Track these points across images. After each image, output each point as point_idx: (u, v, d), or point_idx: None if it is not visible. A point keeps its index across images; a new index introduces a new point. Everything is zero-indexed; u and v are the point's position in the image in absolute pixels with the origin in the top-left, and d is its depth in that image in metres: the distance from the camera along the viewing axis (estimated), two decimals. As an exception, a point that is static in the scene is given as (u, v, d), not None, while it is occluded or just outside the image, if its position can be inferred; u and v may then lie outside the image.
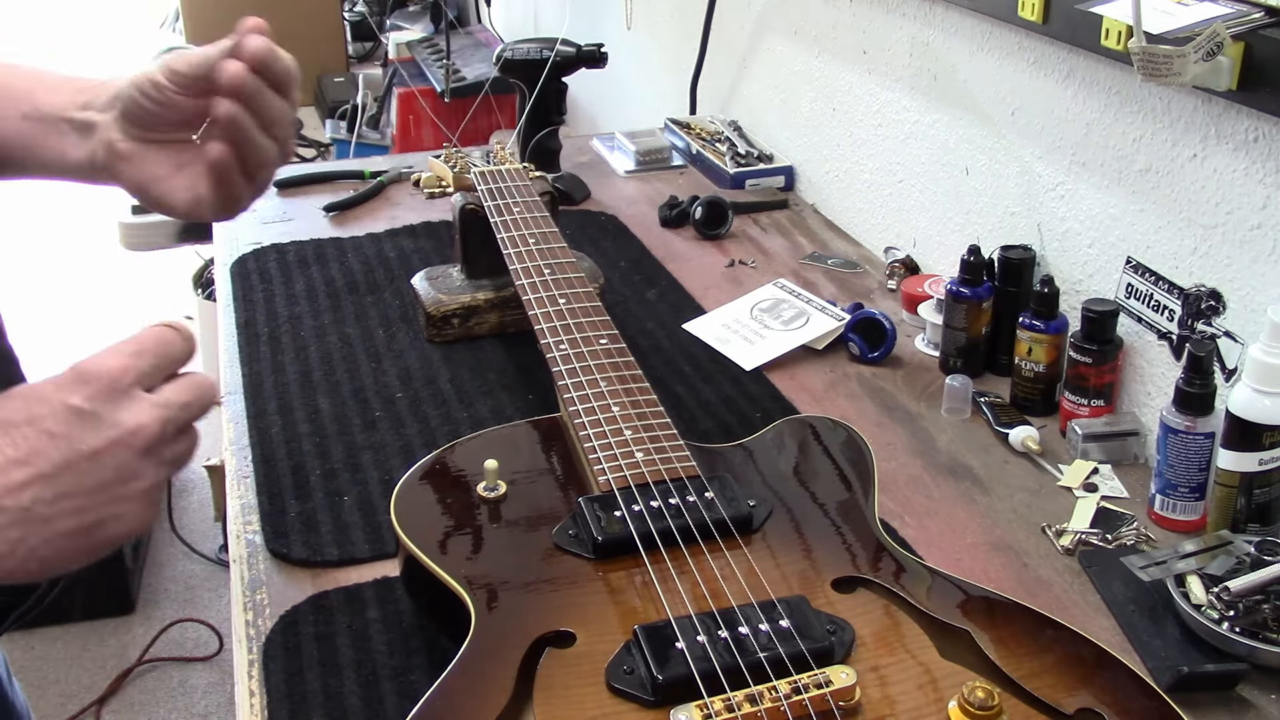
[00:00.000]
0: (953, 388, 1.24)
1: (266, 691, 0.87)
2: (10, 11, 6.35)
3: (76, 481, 0.61)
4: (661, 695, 0.73)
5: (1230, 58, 0.97)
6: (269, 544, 1.04)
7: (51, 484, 0.61)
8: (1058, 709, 0.74)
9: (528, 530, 0.90)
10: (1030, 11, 1.22)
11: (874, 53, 1.61)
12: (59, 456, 0.61)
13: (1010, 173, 1.36)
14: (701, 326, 1.41)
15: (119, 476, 0.63)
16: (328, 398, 1.25)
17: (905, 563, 0.87)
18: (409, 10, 4.07)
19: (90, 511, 0.62)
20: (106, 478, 0.62)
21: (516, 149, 1.78)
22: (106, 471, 0.62)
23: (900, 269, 1.53)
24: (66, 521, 0.61)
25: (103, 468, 0.62)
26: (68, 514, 0.61)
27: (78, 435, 0.62)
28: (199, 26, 4.08)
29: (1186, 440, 1.02)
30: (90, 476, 0.62)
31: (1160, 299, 1.14)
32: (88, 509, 0.62)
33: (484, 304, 1.37)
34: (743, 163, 1.87)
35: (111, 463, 0.62)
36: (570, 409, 0.99)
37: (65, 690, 2.20)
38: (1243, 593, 0.89)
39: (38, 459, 0.61)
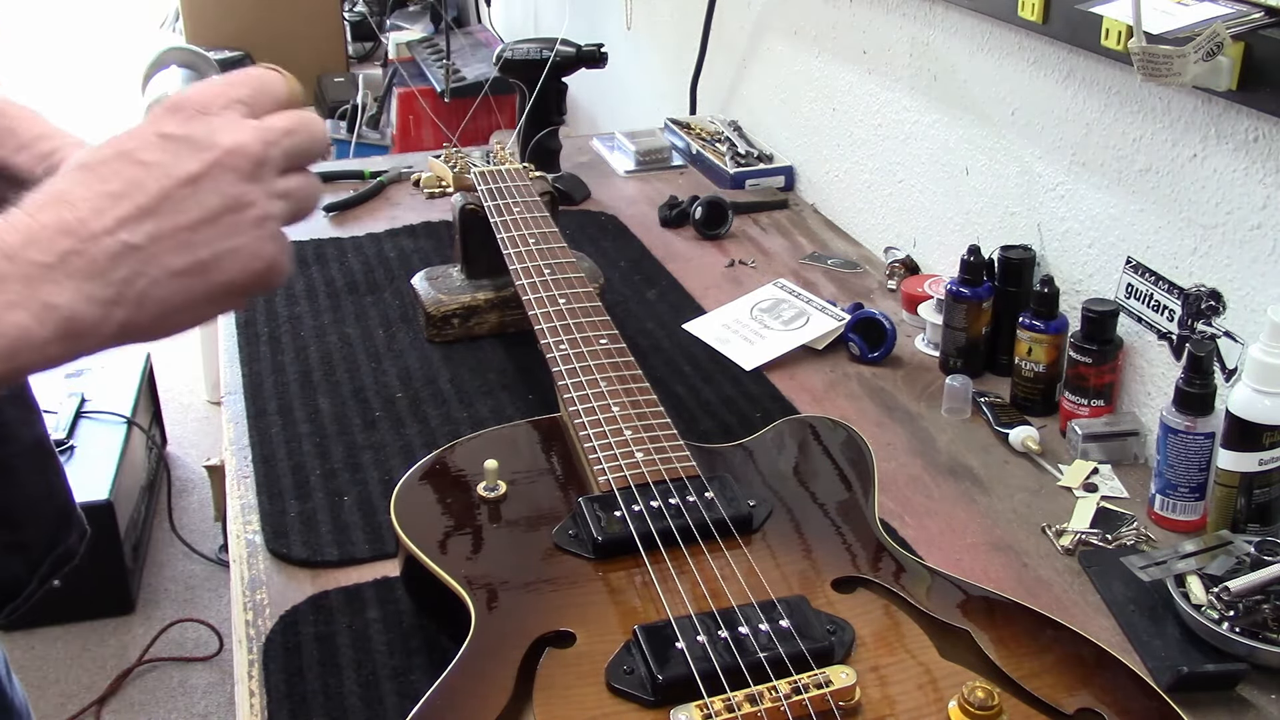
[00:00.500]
0: (953, 388, 1.24)
1: (266, 691, 0.87)
2: (10, 11, 6.35)
3: (179, 210, 0.56)
4: (661, 695, 0.73)
5: (1230, 58, 0.97)
6: (269, 544, 1.04)
7: (152, 216, 0.56)
8: (1058, 709, 0.74)
9: (528, 530, 0.90)
10: (1030, 11, 1.22)
11: (874, 53, 1.61)
12: (155, 186, 0.56)
13: (1010, 173, 1.36)
14: (701, 326, 1.41)
15: (225, 203, 0.58)
16: (328, 398, 1.25)
17: (905, 563, 0.87)
18: (409, 10, 4.07)
19: (201, 246, 0.57)
20: (211, 205, 0.57)
21: (516, 149, 1.78)
22: (210, 198, 0.57)
23: (900, 269, 1.53)
24: (175, 258, 0.56)
25: (205, 194, 0.57)
26: (175, 249, 0.56)
27: (172, 161, 0.57)
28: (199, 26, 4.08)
29: (1186, 440, 1.02)
30: (193, 204, 0.57)
31: (1160, 299, 1.14)
32: (197, 243, 0.57)
33: (484, 304, 1.37)
34: (743, 163, 1.87)
35: (214, 188, 0.57)
36: (570, 409, 0.99)
37: (65, 690, 2.20)
38: (1243, 593, 0.89)
39: (133, 191, 0.56)
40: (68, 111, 4.82)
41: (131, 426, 2.46)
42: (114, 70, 5.17)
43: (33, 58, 5.76)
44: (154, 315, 0.56)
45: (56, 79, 5.47)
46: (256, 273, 0.59)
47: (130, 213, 0.56)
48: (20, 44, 5.94)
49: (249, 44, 4.00)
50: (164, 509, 2.61)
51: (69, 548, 0.94)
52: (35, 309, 0.53)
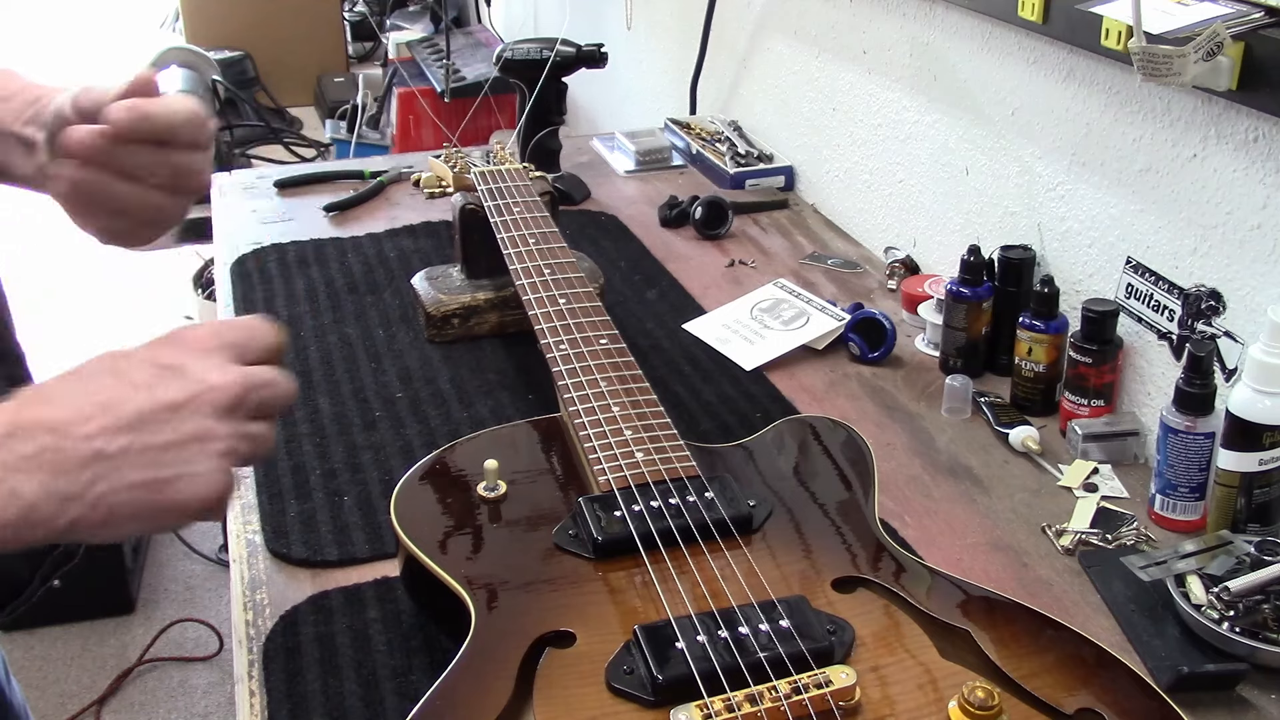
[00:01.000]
0: (953, 388, 1.24)
1: (266, 691, 0.87)
2: (11, 11, 6.35)
3: (154, 430, 0.62)
4: (661, 695, 0.73)
5: (1230, 58, 0.97)
6: (269, 544, 1.04)
7: (127, 432, 0.61)
8: (1058, 709, 0.74)
9: (528, 530, 0.90)
10: (1030, 11, 1.22)
11: (874, 53, 1.61)
12: (137, 405, 0.62)
13: (1010, 173, 1.36)
14: (701, 326, 1.41)
15: (195, 433, 0.63)
16: (328, 398, 1.25)
17: (905, 563, 0.87)
18: (409, 10, 4.07)
19: (164, 466, 0.62)
20: (184, 431, 0.62)
21: (516, 149, 1.78)
22: (184, 424, 0.62)
23: (900, 269, 1.53)
24: (139, 472, 0.61)
25: (180, 421, 0.62)
26: (141, 465, 0.61)
27: (160, 387, 0.62)
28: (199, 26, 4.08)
29: (1186, 440, 1.02)
30: (168, 428, 0.62)
31: (1160, 299, 1.14)
32: (162, 463, 0.62)
33: (484, 304, 1.37)
34: (743, 163, 1.87)
35: (189, 417, 0.63)
36: (570, 409, 0.99)
37: (65, 690, 2.20)
38: (1243, 593, 0.89)
39: (118, 406, 0.61)
40: (68, 111, 4.81)
41: (131, 426, 2.45)
42: (114, 70, 5.17)
43: (33, 57, 5.75)
44: (103, 518, 0.61)
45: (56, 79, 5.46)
46: (204, 499, 0.63)
47: (110, 424, 0.61)
48: (20, 44, 5.94)
49: (249, 44, 3.99)
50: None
51: (69, 547, 0.95)
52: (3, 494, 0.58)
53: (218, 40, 4.02)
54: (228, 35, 4.05)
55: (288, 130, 3.88)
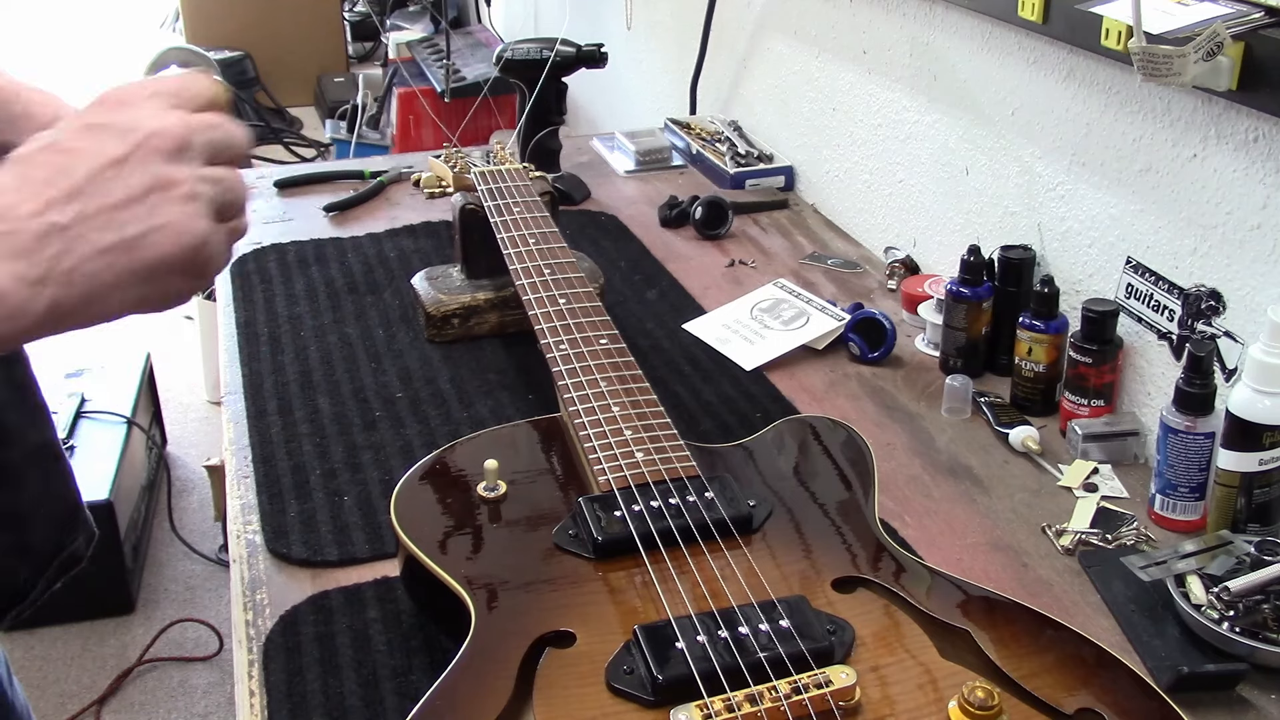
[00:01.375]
0: (953, 388, 1.24)
1: (266, 691, 0.87)
2: (11, 11, 6.35)
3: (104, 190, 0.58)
4: (661, 695, 0.73)
5: (1230, 58, 0.97)
6: (269, 544, 1.04)
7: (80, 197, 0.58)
8: (1058, 709, 0.74)
9: (528, 530, 0.90)
10: (1030, 11, 1.22)
11: (874, 53, 1.61)
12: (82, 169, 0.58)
13: (1010, 173, 1.36)
14: (701, 326, 1.41)
15: (151, 182, 0.59)
16: (328, 398, 1.25)
17: (905, 563, 0.87)
18: (409, 10, 4.07)
19: (128, 224, 0.58)
20: (137, 184, 0.59)
21: (516, 149, 1.78)
22: (136, 177, 0.59)
23: (900, 269, 1.53)
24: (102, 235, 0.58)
25: (131, 174, 0.59)
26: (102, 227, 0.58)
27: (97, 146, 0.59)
28: (199, 26, 4.08)
29: (1186, 440, 1.02)
30: (119, 184, 0.59)
31: (1160, 299, 1.14)
32: (125, 220, 0.58)
33: (484, 304, 1.37)
34: (743, 163, 1.87)
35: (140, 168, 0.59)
36: (570, 409, 0.99)
37: (65, 690, 2.20)
38: (1243, 593, 0.89)
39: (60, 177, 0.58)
40: (68, 111, 4.82)
41: (131, 426, 2.46)
42: (114, 70, 5.17)
43: (33, 57, 5.76)
44: (83, 293, 0.57)
45: (57, 79, 5.47)
46: (187, 248, 0.60)
47: (57, 195, 0.57)
48: (20, 44, 5.94)
49: (249, 44, 4.00)
50: (164, 509, 2.60)
51: (75, 551, 0.94)
52: None
53: (218, 40, 4.02)
54: (228, 35, 4.05)
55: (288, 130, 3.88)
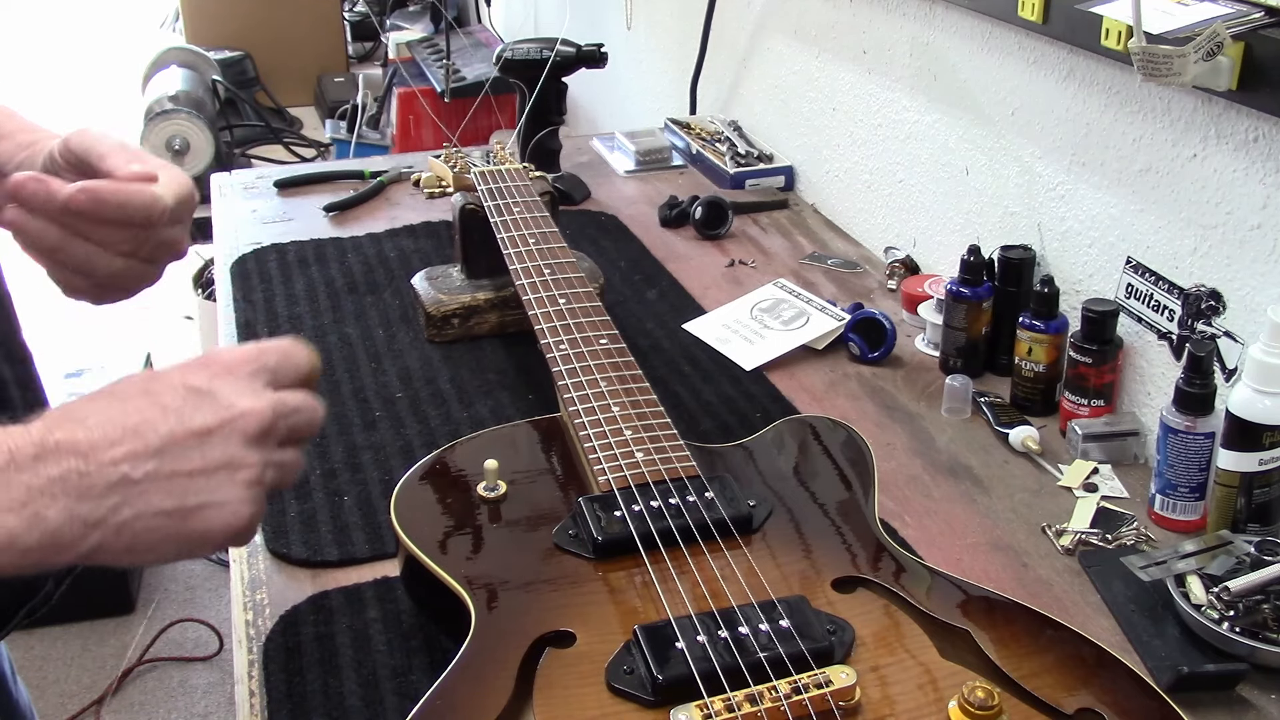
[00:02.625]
0: (953, 388, 1.24)
1: (266, 691, 0.87)
2: (11, 11, 6.35)
3: (181, 457, 0.60)
4: (661, 695, 0.73)
5: (1230, 58, 0.97)
6: (269, 544, 1.04)
7: (155, 457, 0.60)
8: (1058, 709, 0.74)
9: (528, 530, 0.90)
10: (1030, 11, 1.22)
11: (874, 53, 1.61)
12: (167, 429, 0.60)
13: (1010, 173, 1.36)
14: (701, 326, 1.41)
15: (224, 461, 0.61)
16: (328, 398, 1.24)
17: (905, 563, 0.87)
18: (409, 10, 4.07)
19: (190, 494, 0.60)
20: (212, 458, 0.61)
21: (516, 149, 1.78)
22: (213, 452, 0.61)
23: (900, 269, 1.53)
24: (164, 499, 0.60)
25: (209, 448, 0.61)
26: (167, 492, 0.60)
27: (190, 411, 0.61)
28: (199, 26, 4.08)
29: (1186, 440, 1.02)
30: (196, 454, 0.61)
31: (1160, 299, 1.14)
32: (188, 490, 0.60)
33: (484, 304, 1.37)
34: (743, 163, 1.87)
35: (219, 444, 0.61)
36: (570, 409, 0.99)
37: (65, 690, 2.20)
38: (1243, 593, 0.89)
39: (147, 429, 0.60)
40: (68, 112, 4.82)
41: (131, 426, 2.46)
42: (114, 70, 5.17)
43: (33, 58, 5.75)
44: (126, 545, 0.60)
45: (57, 78, 5.47)
46: (231, 530, 0.62)
47: (138, 449, 0.59)
48: (20, 44, 5.94)
49: (249, 44, 3.99)
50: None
51: None
52: (27, 517, 0.57)
53: (218, 40, 4.02)
54: (228, 35, 4.05)
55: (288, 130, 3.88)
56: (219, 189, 1.87)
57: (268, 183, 1.87)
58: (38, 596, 0.90)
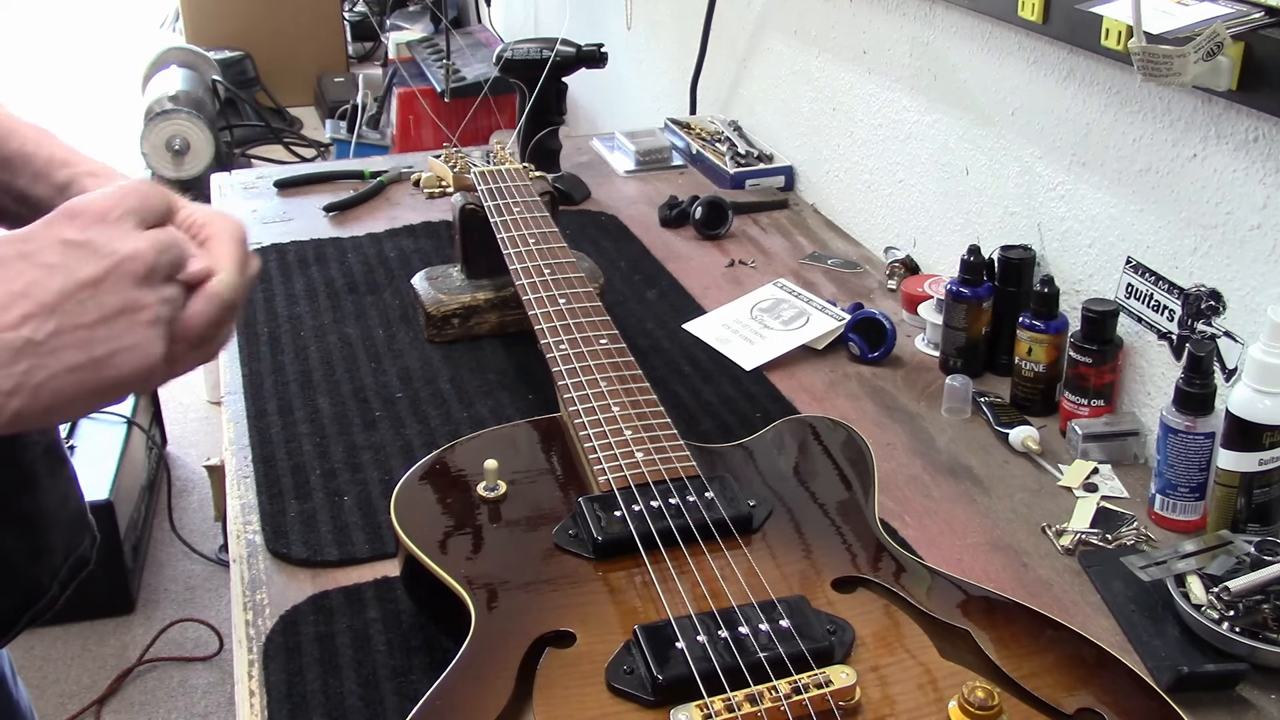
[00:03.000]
0: (953, 388, 1.24)
1: (266, 691, 0.87)
2: (11, 11, 6.35)
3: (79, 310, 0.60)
4: (661, 695, 0.73)
5: (1230, 58, 0.97)
6: (269, 544, 1.04)
7: (53, 315, 0.59)
8: (1058, 709, 0.74)
9: (528, 530, 0.90)
10: (1030, 11, 1.22)
11: (874, 53, 1.61)
12: (57, 286, 0.60)
13: (1010, 173, 1.36)
14: (701, 326, 1.41)
15: (122, 305, 0.61)
16: (328, 398, 1.25)
17: (905, 563, 0.87)
18: (409, 10, 4.07)
19: (98, 344, 0.60)
20: (109, 305, 0.61)
21: (516, 149, 1.78)
22: (108, 299, 0.61)
23: (900, 269, 1.53)
24: (72, 354, 0.60)
25: (104, 295, 0.61)
26: (73, 346, 0.60)
27: (75, 265, 0.61)
28: (199, 26, 4.08)
29: (1186, 440, 1.02)
30: (92, 304, 0.60)
31: (1160, 299, 1.14)
32: (94, 340, 0.60)
33: (484, 304, 1.37)
34: (743, 163, 1.87)
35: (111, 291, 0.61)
36: (570, 409, 0.99)
37: (65, 690, 2.20)
38: (1243, 593, 0.89)
39: (36, 290, 0.59)
40: (68, 111, 4.82)
41: (131, 426, 2.46)
42: (114, 70, 5.17)
43: (33, 58, 5.76)
44: (46, 406, 0.59)
45: (57, 79, 5.48)
46: (144, 369, 0.62)
47: (33, 310, 0.59)
48: (21, 44, 5.94)
49: (249, 44, 4.00)
50: (164, 509, 2.60)
51: (83, 553, 0.94)
52: None
53: (218, 40, 4.02)
54: (228, 35, 4.05)
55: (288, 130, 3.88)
56: (219, 189, 1.87)
57: (268, 183, 1.87)
58: (42, 601, 0.90)
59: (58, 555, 0.91)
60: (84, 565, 0.94)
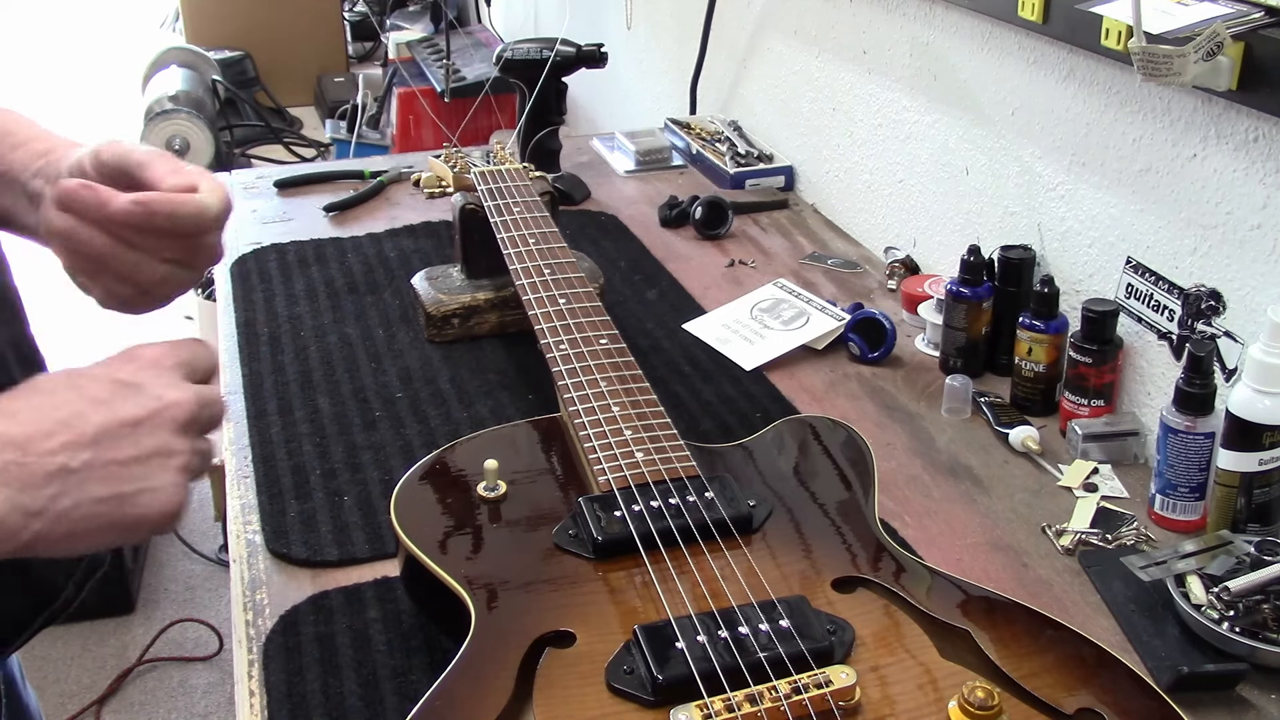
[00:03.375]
0: (953, 388, 1.24)
1: (266, 691, 0.87)
2: (11, 11, 6.35)
3: (115, 447, 0.62)
4: (661, 695, 0.73)
5: (1230, 58, 0.97)
6: (269, 544, 1.04)
7: (90, 447, 0.62)
8: (1058, 709, 0.74)
9: (528, 530, 0.90)
10: (1030, 11, 1.22)
11: (874, 53, 1.61)
12: (99, 420, 0.62)
13: (1010, 173, 1.36)
14: (701, 326, 1.41)
15: (156, 449, 0.64)
16: (328, 398, 1.25)
17: (905, 563, 0.87)
18: (409, 10, 4.07)
19: (127, 481, 0.63)
20: (145, 447, 0.63)
21: (516, 149, 1.78)
22: (145, 440, 0.64)
23: (900, 269, 1.53)
24: (101, 487, 0.62)
25: (141, 436, 0.63)
26: (104, 480, 0.62)
27: (120, 403, 0.64)
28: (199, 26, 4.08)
29: (1186, 440, 1.02)
30: (129, 444, 0.63)
31: (1160, 299, 1.14)
32: (125, 477, 0.62)
33: (484, 304, 1.37)
34: (743, 163, 1.87)
35: (150, 434, 0.64)
36: (570, 409, 0.99)
37: (65, 690, 2.20)
38: (1243, 593, 0.89)
39: (79, 421, 0.62)
40: (68, 111, 4.82)
41: (131, 426, 2.45)
42: (114, 70, 5.17)
43: (33, 58, 5.75)
44: (65, 532, 0.61)
45: (57, 79, 5.47)
46: (165, 514, 0.65)
47: (73, 439, 0.62)
48: (20, 44, 5.94)
49: (249, 44, 3.99)
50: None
51: (97, 555, 0.94)
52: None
53: (218, 40, 4.01)
54: (228, 35, 4.05)
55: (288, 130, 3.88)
56: (219, 189, 1.87)
57: (268, 183, 1.87)
58: (57, 603, 0.90)
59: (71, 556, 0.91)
60: (99, 566, 0.94)
